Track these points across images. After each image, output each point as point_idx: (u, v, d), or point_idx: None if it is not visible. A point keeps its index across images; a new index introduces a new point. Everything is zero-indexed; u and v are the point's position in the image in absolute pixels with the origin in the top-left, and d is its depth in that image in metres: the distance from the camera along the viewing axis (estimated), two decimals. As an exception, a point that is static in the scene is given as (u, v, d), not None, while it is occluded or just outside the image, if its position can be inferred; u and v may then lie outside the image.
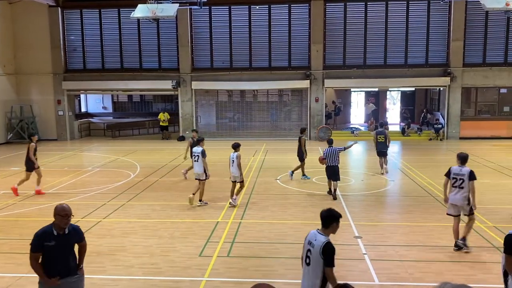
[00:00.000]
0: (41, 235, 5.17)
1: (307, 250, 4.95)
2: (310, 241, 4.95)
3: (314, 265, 4.80)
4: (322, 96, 25.61)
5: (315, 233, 4.97)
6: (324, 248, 4.74)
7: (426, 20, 24.86)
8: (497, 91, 25.19)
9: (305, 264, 4.95)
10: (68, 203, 12.31)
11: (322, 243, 4.78)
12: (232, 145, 12.10)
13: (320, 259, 4.74)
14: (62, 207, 5.21)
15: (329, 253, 4.73)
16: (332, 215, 4.98)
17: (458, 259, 8.12)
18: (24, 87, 26.44)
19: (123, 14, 25.66)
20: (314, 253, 4.81)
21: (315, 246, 4.82)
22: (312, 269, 4.81)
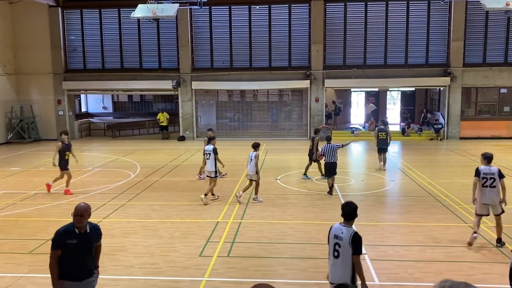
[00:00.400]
0: (63, 233, 5.15)
1: (334, 244, 5.26)
2: (336, 235, 5.28)
3: (344, 256, 5.16)
4: (322, 96, 25.61)
5: (340, 227, 5.32)
6: (353, 238, 5.13)
7: (426, 20, 24.85)
8: (497, 91, 25.19)
9: (333, 258, 5.28)
10: (68, 203, 12.35)
11: (350, 234, 5.16)
12: (252, 145, 12.30)
13: (350, 249, 5.11)
14: (77, 207, 5.19)
15: (358, 242, 5.13)
16: (354, 210, 5.32)
17: (458, 259, 8.12)
18: (24, 87, 26.44)
19: (123, 14, 25.65)
20: (343, 244, 5.16)
21: (343, 238, 5.18)
22: (342, 260, 5.18)
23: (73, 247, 5.11)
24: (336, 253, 5.25)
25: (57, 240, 5.14)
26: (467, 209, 11.19)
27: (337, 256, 5.24)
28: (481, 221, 8.79)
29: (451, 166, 17.54)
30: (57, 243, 5.13)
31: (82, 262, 5.22)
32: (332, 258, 5.32)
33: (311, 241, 9.16)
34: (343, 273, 5.18)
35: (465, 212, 10.96)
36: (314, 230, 9.82)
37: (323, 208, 11.57)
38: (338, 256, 5.23)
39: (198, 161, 19.07)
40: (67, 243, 5.09)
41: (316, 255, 8.40)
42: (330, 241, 5.36)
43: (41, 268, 7.91)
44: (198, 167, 17.60)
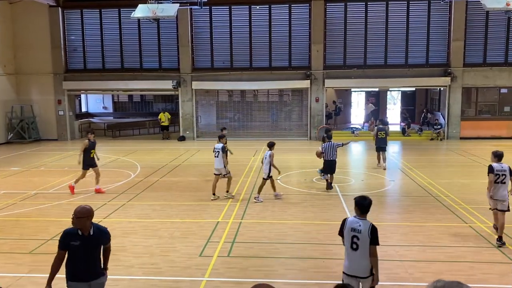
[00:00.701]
0: (68, 234, 5.19)
1: (352, 237, 5.43)
2: (353, 228, 5.45)
3: (363, 247, 5.38)
4: (323, 96, 25.61)
5: (355, 220, 5.52)
6: (372, 229, 5.39)
7: (426, 20, 24.85)
8: (498, 91, 25.19)
9: (352, 250, 5.44)
10: (68, 203, 12.35)
11: (369, 226, 5.41)
12: (268, 144, 12.55)
13: (368, 240, 5.34)
14: (76, 210, 5.19)
15: (376, 233, 5.39)
16: (360, 205, 5.55)
17: (458, 259, 8.12)
18: (25, 87, 26.45)
19: (124, 14, 25.66)
20: (362, 236, 5.37)
21: (362, 230, 5.39)
22: (361, 252, 5.39)
23: (76, 249, 5.11)
24: (355, 245, 5.41)
25: (62, 241, 5.18)
26: (467, 209, 11.20)
27: (356, 248, 5.41)
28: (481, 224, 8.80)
29: (451, 166, 17.54)
30: (61, 244, 5.17)
31: (86, 264, 5.19)
32: (350, 250, 5.46)
33: (311, 241, 9.16)
34: (362, 264, 5.39)
35: (465, 212, 10.96)
36: (314, 230, 9.82)
37: (323, 208, 11.57)
38: (357, 248, 5.40)
39: (199, 161, 19.11)
40: (71, 244, 5.11)
41: (316, 255, 8.41)
42: (347, 234, 5.50)
43: (42, 268, 7.92)
44: (198, 167, 17.64)
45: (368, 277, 5.42)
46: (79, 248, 5.12)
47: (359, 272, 5.42)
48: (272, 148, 12.38)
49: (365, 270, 5.40)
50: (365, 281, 5.42)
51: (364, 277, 5.41)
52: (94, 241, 5.23)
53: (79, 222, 5.14)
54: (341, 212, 11.10)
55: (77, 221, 5.13)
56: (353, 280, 5.41)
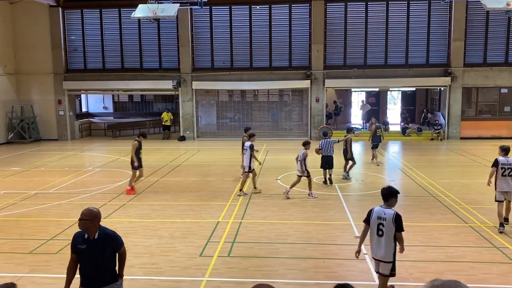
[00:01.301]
0: (75, 237, 5.15)
1: (378, 224, 6.04)
2: (379, 216, 6.07)
3: (388, 234, 5.98)
4: (323, 96, 25.61)
5: (381, 209, 6.11)
6: (396, 217, 5.94)
7: (426, 20, 24.84)
8: (498, 91, 25.18)
9: (377, 236, 6.06)
10: (68, 203, 12.35)
11: (393, 214, 5.97)
12: (303, 143, 12.84)
13: (393, 227, 5.93)
14: (82, 212, 5.09)
15: (400, 221, 5.96)
16: (391, 192, 6.12)
17: (458, 259, 8.12)
18: (25, 87, 26.45)
19: (124, 14, 25.66)
20: (387, 223, 5.96)
21: (386, 218, 5.98)
22: (386, 238, 5.98)
23: (83, 253, 5.04)
24: (381, 232, 6.02)
25: (71, 244, 5.16)
26: (468, 209, 11.20)
27: (382, 234, 6.00)
28: (481, 224, 8.80)
29: (452, 166, 17.53)
30: (71, 247, 5.15)
31: (94, 269, 5.06)
32: (376, 236, 6.07)
33: (312, 241, 9.16)
34: (387, 249, 5.99)
35: (466, 212, 10.96)
36: (314, 230, 9.82)
37: (323, 208, 11.57)
38: (382, 234, 6.00)
39: (199, 161, 19.11)
40: (78, 247, 5.06)
41: (316, 255, 8.41)
42: (373, 222, 6.10)
43: (42, 268, 7.93)
44: (198, 167, 17.63)
45: (389, 262, 6.04)
46: (85, 252, 5.04)
47: (383, 257, 6.05)
48: (306, 147, 12.64)
49: (389, 255, 6.01)
50: (385, 266, 6.06)
51: (387, 261, 6.02)
52: (99, 245, 5.06)
53: (83, 225, 5.05)
54: (341, 212, 11.10)
55: (81, 223, 5.05)
56: (384, 264, 6.11)
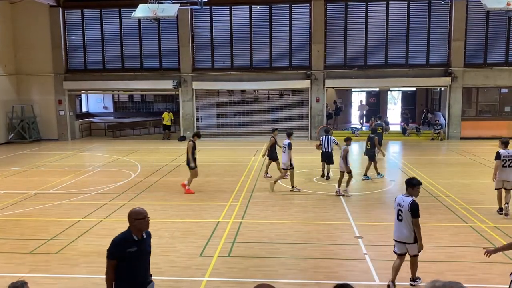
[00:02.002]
0: (122, 241, 4.84)
1: (398, 210, 6.83)
2: (399, 203, 6.84)
3: (405, 219, 6.74)
4: (323, 96, 25.61)
5: (402, 197, 6.86)
6: (411, 205, 6.64)
7: (427, 20, 24.83)
8: (498, 91, 25.17)
9: (398, 221, 6.85)
10: (69, 203, 12.37)
11: (409, 202, 6.67)
12: (344, 139, 13.27)
13: (409, 214, 6.66)
14: (138, 211, 4.90)
15: (415, 208, 6.63)
16: (409, 182, 6.84)
17: (458, 259, 8.12)
18: (25, 87, 26.45)
19: (124, 14, 25.67)
20: (404, 210, 6.71)
21: (404, 205, 6.73)
22: (404, 222, 6.75)
23: (134, 256, 4.80)
24: (400, 217, 6.80)
25: (113, 250, 4.82)
26: (468, 209, 11.20)
27: (401, 219, 6.79)
28: (482, 224, 8.79)
29: (452, 166, 17.52)
30: (113, 253, 4.82)
31: (143, 270, 4.96)
32: (396, 221, 6.87)
33: (312, 241, 9.16)
34: (405, 232, 6.77)
35: (466, 212, 10.95)
36: (315, 230, 9.82)
37: (323, 208, 11.56)
38: (401, 219, 6.79)
39: (199, 161, 19.03)
40: (128, 251, 4.77)
41: (316, 255, 8.40)
42: (395, 208, 6.90)
43: (42, 268, 7.94)
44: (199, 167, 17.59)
45: (413, 243, 6.80)
46: (136, 255, 4.81)
47: (404, 239, 6.83)
48: (348, 143, 12.93)
49: (409, 237, 6.76)
50: (411, 247, 6.84)
51: (410, 243, 6.81)
52: (147, 244, 4.98)
53: (148, 222, 4.88)
54: (342, 212, 11.10)
55: (144, 221, 4.85)
56: (402, 245, 6.89)
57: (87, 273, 7.72)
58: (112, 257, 4.82)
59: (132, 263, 4.82)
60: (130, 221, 4.89)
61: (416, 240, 6.75)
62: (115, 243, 4.86)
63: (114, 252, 4.82)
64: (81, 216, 10.89)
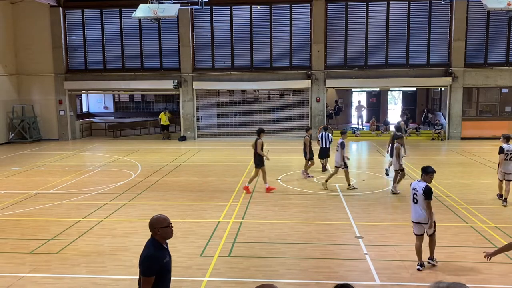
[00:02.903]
0: (158, 253, 4.54)
1: (413, 194, 7.65)
2: (414, 187, 7.67)
3: (420, 202, 7.52)
4: (324, 96, 25.61)
5: (417, 182, 7.70)
6: (424, 189, 7.46)
7: (427, 20, 24.82)
8: (499, 91, 25.15)
9: (413, 203, 7.66)
10: (69, 203, 12.37)
11: (423, 187, 7.50)
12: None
13: (422, 196, 7.46)
14: (161, 219, 4.63)
15: (428, 192, 7.45)
16: (424, 170, 7.70)
17: (459, 259, 8.12)
18: (26, 87, 26.47)
19: (125, 14, 25.68)
20: (419, 194, 7.52)
21: (418, 189, 7.54)
22: (419, 204, 7.54)
23: (167, 265, 4.61)
24: (415, 200, 7.60)
25: (153, 266, 4.48)
26: (468, 209, 11.20)
27: (416, 202, 7.59)
28: (482, 224, 8.79)
29: (452, 166, 17.51)
30: (153, 270, 4.47)
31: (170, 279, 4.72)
32: (412, 203, 7.68)
33: (312, 241, 9.16)
34: (421, 213, 7.52)
35: (466, 212, 10.95)
36: (315, 230, 9.82)
37: (324, 208, 11.57)
38: (416, 202, 7.58)
39: (199, 161, 19.11)
40: (164, 263, 4.56)
41: (316, 255, 8.40)
42: (411, 192, 7.75)
43: (42, 268, 7.94)
44: (199, 167, 17.62)
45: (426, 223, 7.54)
46: (169, 264, 4.63)
47: (420, 219, 7.57)
48: (399, 141, 13.15)
49: (426, 218, 7.47)
50: (427, 227, 7.57)
51: (426, 223, 7.52)
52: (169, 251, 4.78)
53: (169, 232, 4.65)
54: (342, 212, 11.10)
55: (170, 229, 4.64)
56: (419, 226, 7.62)
57: (87, 273, 7.73)
58: (152, 273, 4.46)
59: (166, 274, 4.61)
60: (154, 231, 4.63)
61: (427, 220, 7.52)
62: (154, 258, 4.51)
63: (154, 267, 4.48)
64: (81, 216, 10.90)
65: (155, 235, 4.63)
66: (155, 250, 4.55)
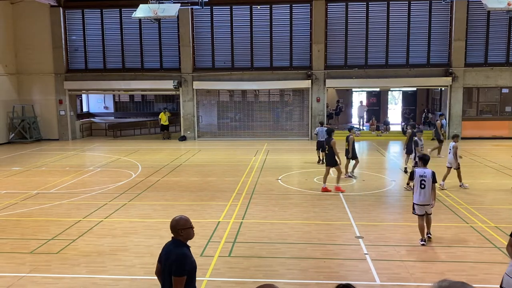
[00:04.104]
0: (189, 254, 4.60)
1: (421, 180, 8.72)
2: (420, 174, 8.74)
3: (428, 186, 8.70)
4: (324, 96, 25.61)
5: (421, 169, 8.85)
6: (433, 174, 8.79)
7: (427, 20, 24.82)
8: (499, 91, 25.15)
9: (420, 188, 8.74)
10: (69, 203, 12.37)
11: (431, 172, 8.78)
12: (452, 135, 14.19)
13: (431, 180, 8.70)
14: (185, 220, 4.69)
15: (435, 176, 8.79)
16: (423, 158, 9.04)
17: (459, 259, 8.11)
18: (26, 87, 26.47)
19: (125, 14, 25.69)
20: (427, 179, 8.68)
21: (426, 175, 8.72)
22: (427, 189, 8.71)
23: (196, 265, 4.66)
24: (423, 186, 8.71)
25: (187, 264, 4.52)
26: (469, 209, 11.19)
27: (424, 187, 8.70)
28: (482, 224, 8.79)
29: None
30: (186, 269, 4.50)
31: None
32: (419, 189, 8.77)
33: (312, 241, 9.16)
34: (428, 196, 8.71)
35: (467, 212, 10.95)
36: (315, 230, 9.82)
37: (324, 208, 11.56)
38: (424, 187, 8.70)
39: (200, 161, 19.11)
40: (193, 262, 4.63)
41: (317, 255, 8.40)
42: (416, 178, 8.79)
43: (42, 268, 7.94)
44: (199, 167, 17.61)
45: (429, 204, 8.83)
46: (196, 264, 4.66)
47: (425, 202, 8.77)
48: (455, 140, 13.53)
49: (429, 200, 8.76)
50: (429, 208, 8.83)
51: (429, 204, 8.79)
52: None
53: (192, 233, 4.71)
54: (342, 212, 11.09)
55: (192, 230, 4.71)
56: (422, 207, 8.78)
57: (87, 273, 7.73)
58: (184, 273, 4.47)
59: (194, 274, 4.64)
60: (176, 232, 4.64)
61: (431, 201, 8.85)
62: (186, 257, 4.53)
63: (186, 267, 4.49)
64: (81, 216, 10.90)
65: (178, 236, 4.68)
66: (185, 249, 4.58)
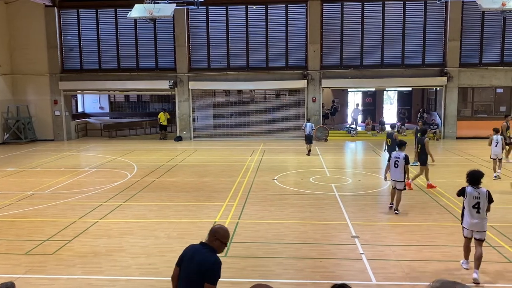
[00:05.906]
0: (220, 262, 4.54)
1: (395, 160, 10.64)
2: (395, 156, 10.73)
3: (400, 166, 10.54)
4: (319, 96, 25.64)
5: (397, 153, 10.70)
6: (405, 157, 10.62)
7: (422, 20, 24.91)
8: (494, 91, 25.28)
9: (394, 168, 10.58)
10: (64, 204, 12.31)
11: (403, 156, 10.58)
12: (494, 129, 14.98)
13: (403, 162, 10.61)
14: (229, 234, 4.69)
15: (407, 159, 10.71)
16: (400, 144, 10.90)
17: (454, 259, 8.14)
18: (21, 87, 26.35)
19: (120, 14, 25.62)
20: (400, 160, 10.57)
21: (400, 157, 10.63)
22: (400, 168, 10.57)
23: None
24: (396, 165, 10.56)
25: (220, 271, 4.48)
26: (464, 208, 11.22)
27: (397, 166, 10.56)
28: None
29: (448, 166, 17.56)
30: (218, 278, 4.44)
31: None
32: (393, 168, 10.55)
33: (308, 241, 9.17)
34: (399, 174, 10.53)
35: (462, 211, 10.98)
36: (311, 230, 9.83)
37: (320, 208, 11.57)
38: (397, 166, 10.57)
39: (195, 161, 19.09)
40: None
41: (313, 255, 8.41)
42: (392, 159, 10.69)
43: (38, 269, 7.91)
44: (195, 167, 17.58)
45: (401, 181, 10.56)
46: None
47: (397, 178, 10.50)
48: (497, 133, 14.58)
49: (400, 177, 10.47)
50: (399, 184, 10.54)
51: (399, 181, 10.49)
52: None
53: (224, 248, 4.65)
54: (338, 212, 11.11)
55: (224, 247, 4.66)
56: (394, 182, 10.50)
57: (83, 274, 7.70)
58: (217, 280, 4.42)
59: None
60: (214, 239, 4.58)
61: (402, 179, 10.55)
62: (220, 264, 4.49)
63: (220, 274, 4.45)
64: (77, 217, 10.86)
65: (210, 243, 4.56)
66: (218, 258, 4.47)
